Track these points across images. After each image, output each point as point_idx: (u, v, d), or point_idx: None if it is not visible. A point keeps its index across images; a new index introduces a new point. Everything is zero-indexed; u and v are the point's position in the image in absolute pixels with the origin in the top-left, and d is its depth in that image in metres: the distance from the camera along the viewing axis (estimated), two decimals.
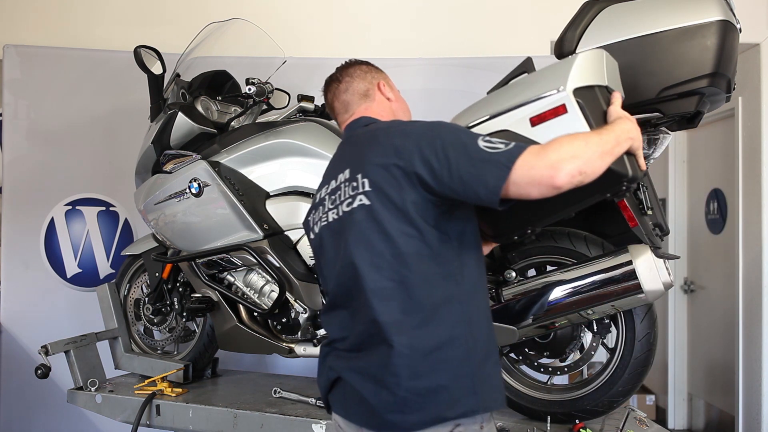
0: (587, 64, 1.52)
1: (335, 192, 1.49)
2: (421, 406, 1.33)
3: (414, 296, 1.35)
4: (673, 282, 1.80)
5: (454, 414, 1.33)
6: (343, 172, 1.48)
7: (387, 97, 1.67)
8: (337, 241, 1.46)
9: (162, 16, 3.55)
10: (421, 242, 1.36)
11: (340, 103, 1.66)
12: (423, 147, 1.35)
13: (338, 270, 1.46)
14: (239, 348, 2.40)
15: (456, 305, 1.37)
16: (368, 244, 1.38)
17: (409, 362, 1.33)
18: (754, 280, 3.64)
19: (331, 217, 1.49)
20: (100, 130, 3.39)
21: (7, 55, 3.35)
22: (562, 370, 2.03)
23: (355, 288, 1.40)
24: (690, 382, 4.79)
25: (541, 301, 1.86)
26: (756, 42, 3.53)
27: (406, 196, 1.35)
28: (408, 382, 1.33)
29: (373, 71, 1.70)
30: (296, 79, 2.83)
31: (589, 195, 1.50)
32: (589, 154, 1.27)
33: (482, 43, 3.43)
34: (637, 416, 2.05)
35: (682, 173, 4.86)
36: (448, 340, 1.35)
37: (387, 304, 1.36)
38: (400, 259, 1.36)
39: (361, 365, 1.41)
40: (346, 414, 1.47)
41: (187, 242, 2.40)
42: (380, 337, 1.36)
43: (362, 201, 1.40)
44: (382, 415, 1.36)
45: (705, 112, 1.73)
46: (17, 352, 3.26)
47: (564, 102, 1.45)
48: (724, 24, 1.59)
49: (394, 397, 1.34)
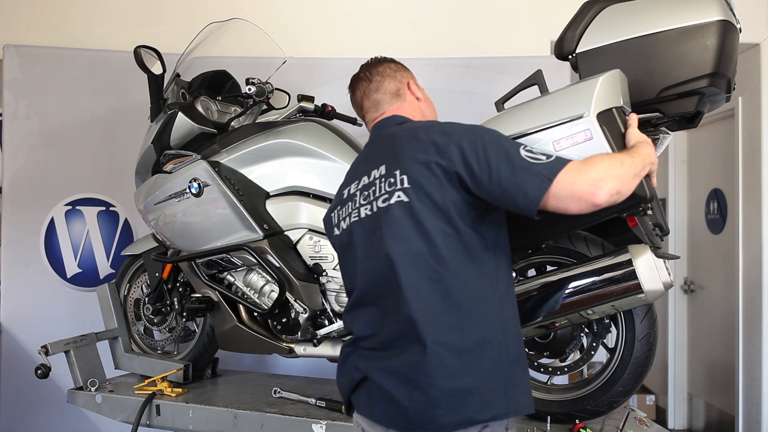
0: (607, 86, 1.53)
1: (369, 188, 1.48)
2: (453, 408, 1.32)
3: (450, 296, 1.35)
4: (673, 282, 1.80)
5: (485, 417, 1.33)
6: (378, 168, 1.47)
7: (417, 97, 1.68)
8: (370, 237, 1.45)
9: (162, 16, 3.55)
10: (459, 242, 1.36)
11: (371, 102, 1.67)
12: (465, 148, 1.36)
13: (371, 266, 1.44)
14: (239, 348, 2.39)
15: (491, 307, 1.38)
16: (405, 241, 1.37)
17: (442, 362, 1.33)
18: (754, 280, 3.64)
19: (364, 213, 1.47)
20: (100, 130, 3.39)
21: (7, 55, 3.34)
22: (562, 370, 2.02)
23: (389, 285, 1.39)
24: (690, 382, 4.79)
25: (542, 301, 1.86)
26: (756, 42, 3.53)
27: (446, 195, 1.36)
28: (441, 382, 1.32)
29: (402, 70, 1.71)
30: (296, 79, 2.84)
31: (608, 213, 1.53)
32: (625, 175, 1.32)
33: (482, 43, 3.43)
34: (637, 416, 2.04)
35: (682, 173, 4.86)
36: (483, 341, 1.35)
37: (423, 302, 1.35)
38: (438, 258, 1.35)
39: (391, 365, 1.39)
40: (372, 415, 1.44)
41: (187, 242, 2.40)
42: (414, 336, 1.35)
43: (400, 197, 1.39)
44: (412, 416, 1.35)
45: (705, 112, 1.73)
46: (17, 352, 3.26)
47: (589, 127, 1.47)
48: (724, 24, 1.59)
49: (426, 398, 1.32)
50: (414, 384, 1.34)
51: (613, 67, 1.66)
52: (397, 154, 1.44)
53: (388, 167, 1.44)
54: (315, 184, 2.28)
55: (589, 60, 1.72)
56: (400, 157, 1.43)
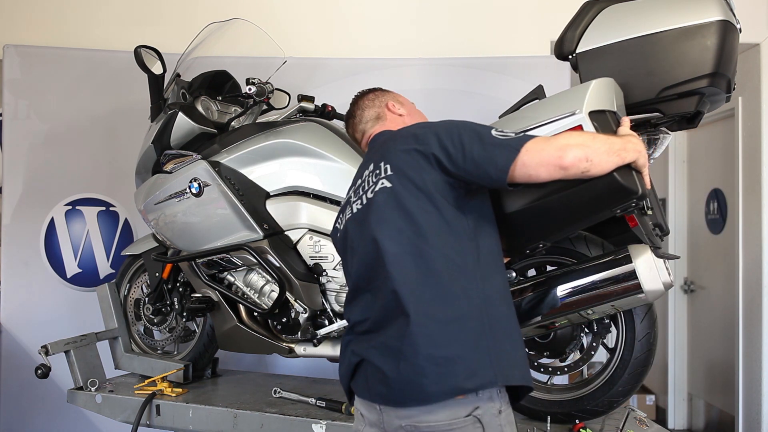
0: (600, 90, 1.57)
1: (360, 186, 1.58)
2: (439, 376, 1.35)
3: (432, 269, 1.40)
4: (673, 282, 1.80)
5: (471, 385, 1.35)
6: (368, 167, 1.58)
7: (398, 114, 1.79)
8: (361, 227, 1.53)
9: (162, 17, 3.55)
10: (439, 217, 1.43)
11: (359, 133, 1.83)
12: (440, 134, 1.46)
13: (360, 252, 1.51)
14: (239, 348, 2.39)
15: (472, 281, 1.42)
16: (389, 222, 1.45)
17: (426, 331, 1.37)
18: (754, 280, 3.64)
19: (356, 208, 1.56)
20: (101, 130, 3.39)
21: (7, 55, 3.34)
22: (562, 370, 2.02)
23: (376, 264, 1.45)
24: (690, 382, 4.79)
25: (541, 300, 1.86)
26: (756, 42, 3.53)
27: (425, 176, 1.44)
28: (426, 350, 1.36)
29: (380, 96, 1.83)
30: (296, 79, 2.84)
31: (599, 210, 1.54)
32: (597, 146, 1.38)
33: (482, 43, 3.43)
34: (637, 416, 2.04)
35: (682, 173, 4.86)
36: (465, 313, 1.39)
37: (406, 274, 1.41)
38: (419, 234, 1.42)
39: (380, 340, 1.44)
40: (369, 395, 1.48)
41: (188, 242, 2.40)
42: (399, 309, 1.40)
43: (384, 184, 1.48)
44: (401, 388, 1.38)
45: (705, 112, 1.73)
46: (17, 352, 3.26)
47: (581, 123, 1.51)
48: (724, 24, 1.59)
49: (412, 368, 1.36)
50: (400, 355, 1.38)
51: (613, 66, 1.66)
52: (383, 152, 1.56)
53: (376, 163, 1.55)
54: (315, 184, 2.28)
55: (589, 60, 1.72)
56: (385, 153, 1.54)
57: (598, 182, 1.41)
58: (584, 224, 1.65)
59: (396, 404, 1.41)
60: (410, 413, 1.39)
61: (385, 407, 1.44)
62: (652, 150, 1.81)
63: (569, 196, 1.47)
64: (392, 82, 3.20)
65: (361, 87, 1.90)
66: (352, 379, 1.54)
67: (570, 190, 1.45)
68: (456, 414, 1.36)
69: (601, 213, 1.56)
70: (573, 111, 1.52)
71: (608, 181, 1.40)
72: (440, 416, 1.36)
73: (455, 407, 1.36)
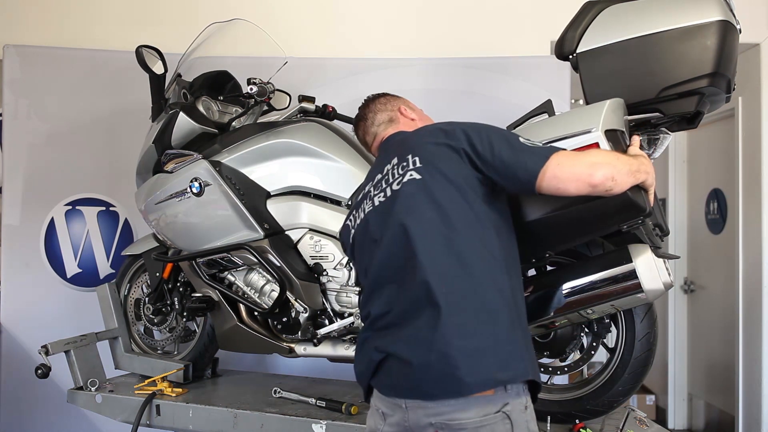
0: (613, 109, 1.61)
1: (381, 180, 1.57)
2: (472, 368, 1.34)
3: (463, 259, 1.41)
4: (673, 282, 1.80)
5: (505, 377, 1.36)
6: (390, 162, 1.57)
7: (410, 118, 1.80)
8: (384, 218, 1.51)
9: (163, 17, 3.55)
10: (469, 210, 1.44)
11: (371, 136, 1.84)
12: (469, 132, 1.50)
13: (386, 241, 1.49)
14: (239, 348, 2.40)
15: (501, 274, 1.44)
16: (419, 212, 1.45)
17: (458, 321, 1.37)
18: (754, 280, 3.64)
19: (378, 201, 1.55)
20: (101, 130, 3.38)
21: (7, 55, 3.34)
22: (562, 370, 2.03)
23: (404, 254, 1.44)
24: (690, 382, 4.79)
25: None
26: (756, 42, 3.53)
27: (456, 169, 1.46)
28: (458, 341, 1.35)
29: (392, 100, 1.85)
30: (297, 79, 2.83)
31: (608, 226, 1.62)
32: (620, 166, 1.43)
33: (482, 43, 3.43)
34: (637, 416, 2.04)
35: (682, 173, 4.86)
36: (497, 305, 1.40)
37: (437, 265, 1.40)
38: (449, 225, 1.42)
39: (408, 333, 1.42)
40: (395, 392, 1.45)
41: (188, 242, 2.40)
42: (429, 299, 1.38)
43: (413, 176, 1.48)
44: (434, 381, 1.36)
45: (705, 112, 1.73)
46: (17, 352, 3.26)
47: (598, 141, 1.54)
48: (724, 24, 1.59)
49: (445, 358, 1.35)
50: (431, 345, 1.36)
51: (613, 66, 1.67)
52: (407, 145, 1.56)
53: (400, 157, 1.54)
54: (316, 184, 2.28)
55: (590, 60, 1.72)
56: (411, 146, 1.54)
57: (612, 200, 1.46)
58: (591, 237, 1.71)
59: (428, 397, 1.38)
60: (442, 410, 1.37)
61: (413, 404, 1.41)
62: (652, 150, 1.81)
63: (581, 211, 1.54)
64: (392, 82, 3.21)
65: (362, 87, 1.91)
66: (373, 376, 1.50)
67: (583, 206, 1.52)
68: (486, 410, 1.36)
69: (609, 228, 1.64)
70: (589, 129, 1.55)
71: (621, 199, 1.46)
72: (471, 413, 1.35)
73: (485, 404, 1.36)
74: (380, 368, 1.48)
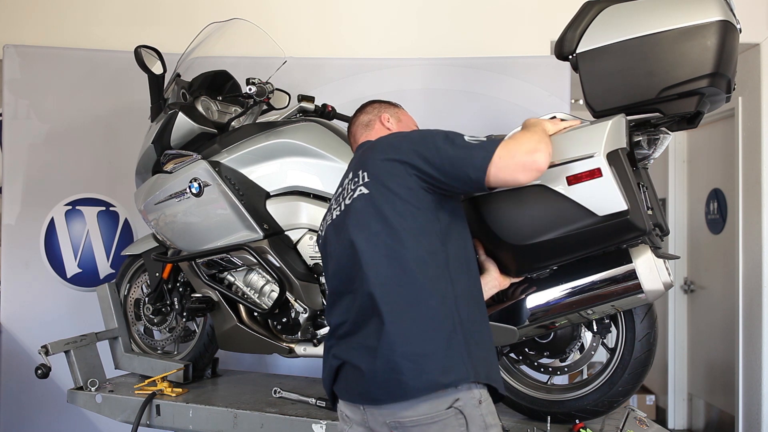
0: (615, 130, 1.62)
1: (340, 195, 1.66)
2: (416, 373, 1.40)
3: (406, 270, 1.47)
4: (673, 282, 1.81)
5: (447, 380, 1.41)
6: (348, 176, 1.65)
7: (387, 128, 1.81)
8: (339, 232, 1.59)
9: (162, 17, 3.55)
10: (413, 221, 1.50)
11: (352, 135, 1.88)
12: (414, 141, 1.56)
13: (339, 255, 1.58)
14: (239, 348, 2.40)
15: (443, 282, 1.48)
16: (366, 226, 1.52)
17: (400, 329, 1.43)
18: (754, 280, 3.64)
19: (335, 214, 1.62)
20: (101, 130, 3.38)
21: (7, 55, 3.34)
22: (562, 370, 2.03)
23: (354, 267, 1.52)
24: (690, 382, 4.79)
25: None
26: (756, 42, 3.53)
27: (401, 182, 1.51)
28: (401, 347, 1.42)
29: (381, 107, 1.86)
30: (296, 79, 2.83)
31: (609, 244, 1.66)
32: (546, 139, 1.53)
33: (482, 43, 3.43)
34: (637, 416, 2.05)
35: (682, 173, 4.85)
36: (438, 312, 1.45)
37: (381, 276, 1.47)
38: (393, 236, 1.48)
39: (359, 341, 1.50)
40: (350, 397, 1.53)
41: (188, 242, 2.40)
42: (374, 309, 1.47)
43: (362, 191, 1.55)
44: (380, 386, 1.43)
45: (705, 112, 1.73)
46: (17, 352, 3.26)
47: (599, 166, 1.57)
48: (724, 24, 1.59)
49: (389, 365, 1.42)
50: (377, 353, 1.44)
51: (613, 66, 1.67)
52: (361, 161, 1.63)
53: (354, 172, 1.62)
54: (315, 184, 2.28)
55: (590, 60, 1.72)
56: (364, 162, 1.61)
57: (613, 224, 1.56)
58: (590, 254, 1.71)
59: (377, 402, 1.45)
60: (392, 410, 1.43)
61: (368, 407, 1.48)
62: (652, 150, 1.81)
63: (583, 234, 1.59)
64: (392, 82, 3.21)
65: (362, 87, 1.92)
66: (334, 382, 1.58)
67: (585, 230, 1.58)
68: (437, 407, 1.41)
69: (610, 246, 1.67)
70: (591, 153, 1.57)
71: (623, 222, 1.56)
72: (421, 410, 1.41)
73: (435, 400, 1.41)
74: (339, 375, 1.57)
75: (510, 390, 2.03)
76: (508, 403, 2.05)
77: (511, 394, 2.03)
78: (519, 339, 1.91)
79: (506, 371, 2.06)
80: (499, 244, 1.71)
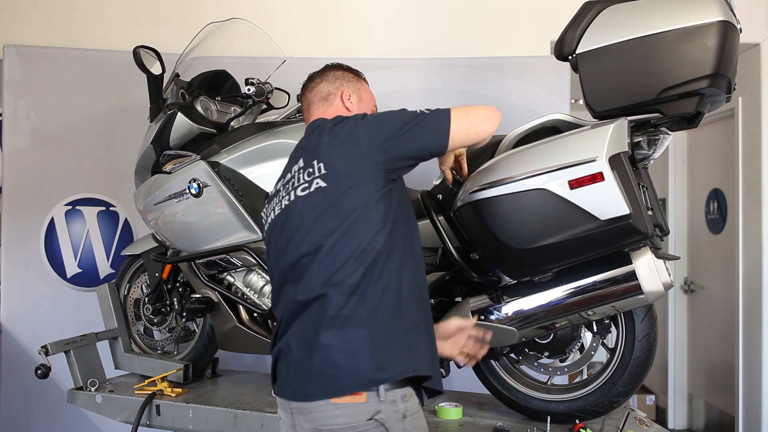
0: (617, 133, 1.62)
1: (289, 181, 1.58)
2: (350, 367, 1.39)
3: (349, 262, 1.43)
4: (673, 282, 1.81)
5: (384, 376, 1.39)
6: (297, 162, 1.58)
7: (346, 107, 1.70)
8: (287, 222, 1.55)
9: (161, 17, 3.55)
10: (362, 213, 1.46)
11: (306, 102, 1.75)
12: (369, 121, 1.52)
13: (284, 245, 1.53)
14: (239, 348, 2.40)
15: (387, 274, 1.45)
16: (313, 217, 1.48)
17: (339, 323, 1.41)
18: (754, 280, 3.64)
19: (285, 203, 1.57)
20: (100, 130, 3.38)
21: (7, 55, 3.34)
22: (562, 371, 2.03)
23: (298, 257, 1.49)
24: (690, 382, 4.79)
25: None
26: (756, 42, 3.53)
27: (355, 168, 1.47)
28: (339, 342, 1.40)
29: (344, 79, 1.73)
30: (296, 79, 2.82)
31: (610, 247, 1.67)
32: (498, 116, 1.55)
33: (482, 43, 3.43)
34: (637, 416, 2.04)
35: (682, 173, 4.85)
36: (379, 305, 1.43)
37: (324, 267, 1.44)
38: (340, 228, 1.45)
39: (298, 330, 1.47)
40: (284, 393, 1.50)
41: (187, 242, 2.40)
42: (316, 302, 1.44)
43: (319, 184, 1.50)
44: (315, 380, 1.41)
45: (705, 112, 1.73)
46: (17, 352, 3.26)
47: (601, 170, 1.57)
48: (725, 24, 1.59)
49: (325, 359, 1.40)
50: (315, 347, 1.41)
51: (613, 67, 1.67)
52: (312, 147, 1.56)
53: (306, 160, 1.55)
54: None
55: (589, 60, 1.72)
56: (315, 150, 1.54)
57: (615, 228, 1.57)
58: (591, 257, 1.72)
59: (307, 398, 1.42)
60: (316, 415, 1.41)
61: (296, 407, 1.45)
62: (653, 150, 1.81)
63: (586, 238, 1.60)
64: (392, 82, 3.21)
65: None
66: (274, 381, 1.55)
67: (587, 233, 1.59)
68: (356, 418, 1.38)
69: (611, 250, 1.69)
70: (593, 158, 1.58)
71: (625, 226, 1.57)
72: (342, 420, 1.39)
73: (355, 411, 1.38)
74: (276, 370, 1.54)
75: (510, 390, 2.03)
76: (508, 403, 2.05)
77: (511, 395, 2.03)
78: (519, 340, 1.91)
79: (506, 371, 2.06)
80: (501, 248, 1.71)
